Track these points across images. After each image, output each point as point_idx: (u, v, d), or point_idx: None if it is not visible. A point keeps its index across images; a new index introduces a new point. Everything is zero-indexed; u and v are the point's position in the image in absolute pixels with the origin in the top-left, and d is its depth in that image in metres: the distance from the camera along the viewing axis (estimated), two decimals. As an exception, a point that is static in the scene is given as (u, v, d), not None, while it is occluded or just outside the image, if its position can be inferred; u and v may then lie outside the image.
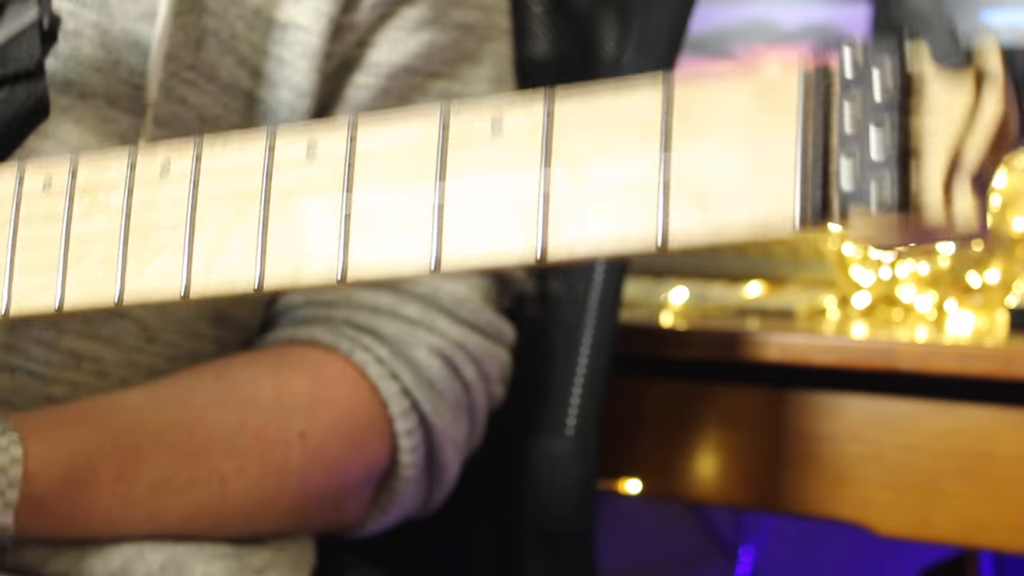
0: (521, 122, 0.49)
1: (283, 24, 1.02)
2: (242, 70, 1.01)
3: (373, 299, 1.04)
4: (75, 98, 0.97)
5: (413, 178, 0.53)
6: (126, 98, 0.98)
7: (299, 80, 1.01)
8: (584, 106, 0.48)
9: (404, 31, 1.04)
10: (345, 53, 1.04)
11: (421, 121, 0.53)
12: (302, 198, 0.56)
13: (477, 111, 0.51)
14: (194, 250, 0.60)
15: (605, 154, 0.47)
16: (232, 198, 0.59)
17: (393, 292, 1.05)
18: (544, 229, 0.49)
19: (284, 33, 1.02)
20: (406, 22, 1.05)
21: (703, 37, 1.99)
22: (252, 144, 0.59)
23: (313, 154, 0.57)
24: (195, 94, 1.00)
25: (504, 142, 0.50)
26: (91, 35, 0.98)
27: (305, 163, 0.57)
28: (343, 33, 1.03)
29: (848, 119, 0.47)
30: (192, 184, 0.60)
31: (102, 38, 0.98)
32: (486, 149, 0.50)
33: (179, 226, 0.61)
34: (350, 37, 1.04)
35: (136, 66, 0.98)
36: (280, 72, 1.02)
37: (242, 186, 0.59)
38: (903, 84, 0.48)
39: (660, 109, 0.46)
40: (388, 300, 1.04)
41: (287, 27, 1.02)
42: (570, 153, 0.48)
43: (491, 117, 0.50)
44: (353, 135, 0.55)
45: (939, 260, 1.55)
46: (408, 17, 1.05)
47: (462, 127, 0.51)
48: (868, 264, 1.58)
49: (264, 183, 0.58)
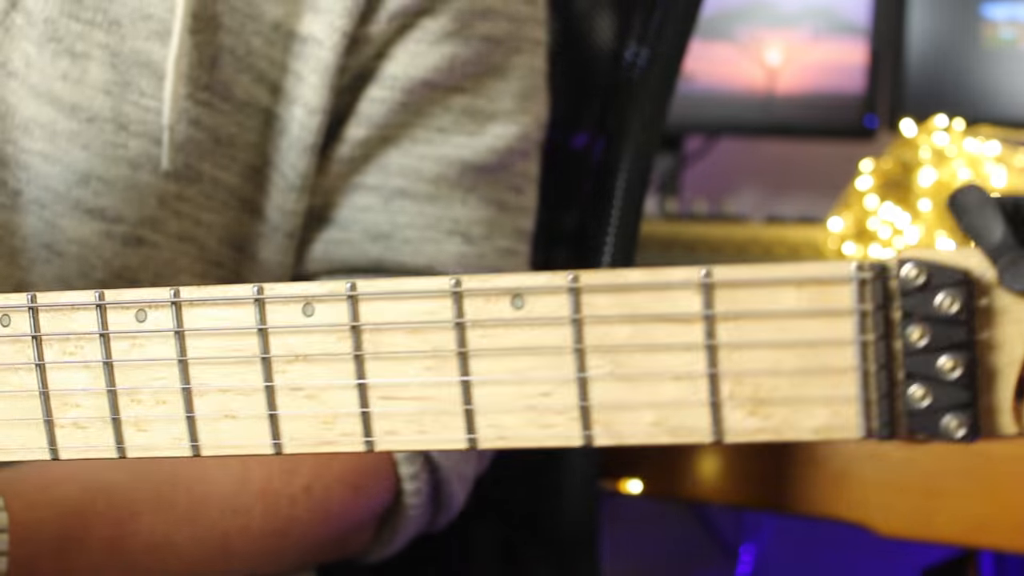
0: (547, 303, 0.46)
1: (304, 37, 0.98)
2: (260, 87, 0.98)
3: None
4: (83, 122, 0.93)
5: (429, 357, 0.49)
6: (136, 121, 0.94)
7: (311, 97, 0.97)
8: (617, 299, 0.45)
9: (424, 44, 0.99)
10: (361, 66, 0.99)
11: (434, 299, 0.49)
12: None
13: (492, 283, 0.48)
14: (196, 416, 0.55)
15: (648, 346, 0.45)
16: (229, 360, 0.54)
17: None
18: (586, 418, 0.47)
19: (304, 47, 0.98)
20: (426, 34, 1.00)
21: (705, 20, 1.98)
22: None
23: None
24: (209, 115, 0.96)
25: (528, 320, 0.47)
26: (100, 56, 0.94)
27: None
28: (359, 46, 0.99)
29: (911, 330, 0.45)
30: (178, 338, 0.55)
31: (112, 59, 0.94)
32: (510, 329, 0.47)
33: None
34: (367, 50, 0.99)
35: (147, 88, 0.94)
36: (297, 88, 0.98)
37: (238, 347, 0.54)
38: (970, 298, 0.45)
39: (701, 303, 0.44)
40: None
41: (307, 41, 0.98)
42: (608, 341, 0.46)
43: (510, 293, 0.47)
44: (355, 309, 0.50)
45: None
46: (428, 29, 1.00)
47: (478, 303, 0.48)
48: (868, 263, 1.57)
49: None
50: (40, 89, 0.94)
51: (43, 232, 0.94)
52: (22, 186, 0.94)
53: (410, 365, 0.49)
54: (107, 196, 0.94)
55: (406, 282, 0.49)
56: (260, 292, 0.52)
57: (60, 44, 0.94)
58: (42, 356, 0.57)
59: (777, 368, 0.44)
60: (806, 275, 0.43)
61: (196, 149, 0.96)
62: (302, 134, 0.97)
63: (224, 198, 0.98)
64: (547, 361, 0.47)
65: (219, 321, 0.53)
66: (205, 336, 0.53)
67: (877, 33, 1.90)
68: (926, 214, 1.55)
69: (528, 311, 0.47)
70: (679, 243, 1.77)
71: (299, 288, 0.51)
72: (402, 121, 1.00)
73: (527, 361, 0.47)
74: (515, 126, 1.03)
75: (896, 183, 1.59)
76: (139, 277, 0.95)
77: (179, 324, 0.54)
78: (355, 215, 1.00)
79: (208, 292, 0.53)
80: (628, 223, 1.23)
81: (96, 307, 0.56)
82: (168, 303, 0.54)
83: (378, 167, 1.00)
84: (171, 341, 0.54)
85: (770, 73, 1.96)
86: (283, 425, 0.52)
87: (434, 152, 1.00)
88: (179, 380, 0.54)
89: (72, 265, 0.94)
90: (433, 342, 0.48)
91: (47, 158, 0.94)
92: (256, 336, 0.52)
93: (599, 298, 0.45)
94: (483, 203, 1.02)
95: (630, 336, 0.45)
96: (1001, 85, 1.81)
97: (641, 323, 0.45)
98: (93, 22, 0.95)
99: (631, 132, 1.23)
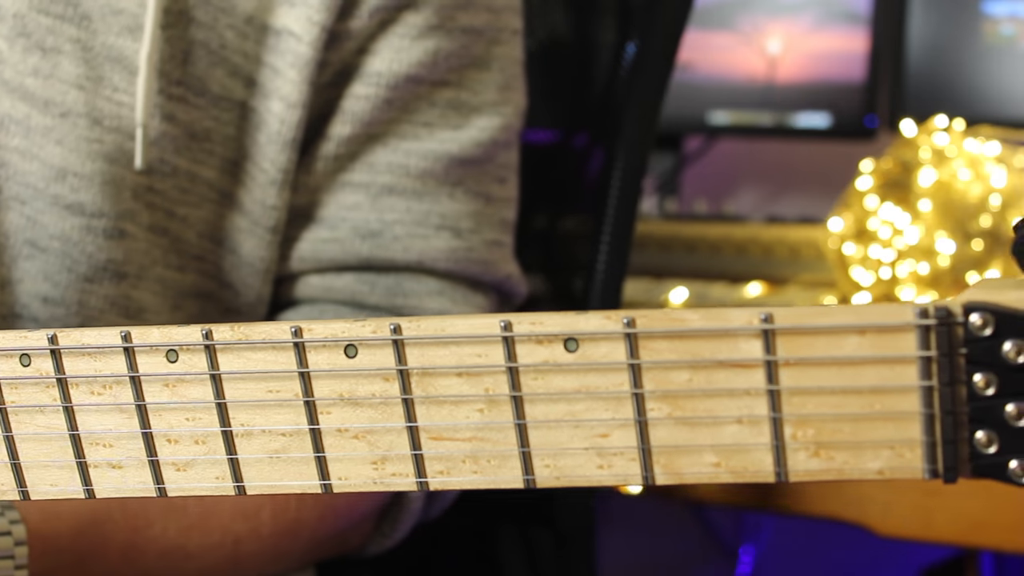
0: (602, 347, 0.45)
1: (277, 31, 0.97)
2: (234, 81, 0.97)
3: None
4: (56, 117, 0.93)
5: (481, 400, 0.48)
6: (110, 116, 0.93)
7: (289, 91, 0.96)
8: (676, 345, 0.45)
9: (407, 38, 0.98)
10: (343, 61, 0.98)
11: (483, 343, 0.48)
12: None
13: (544, 328, 0.47)
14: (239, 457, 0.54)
15: (709, 391, 0.45)
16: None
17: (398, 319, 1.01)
18: (646, 459, 0.46)
19: (278, 40, 0.97)
20: (409, 29, 0.98)
21: (706, 9, 1.98)
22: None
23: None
24: (184, 110, 0.95)
25: (583, 365, 0.46)
26: (71, 51, 0.93)
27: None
28: (340, 41, 0.98)
29: (978, 378, 0.44)
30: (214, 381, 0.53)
31: (83, 54, 0.93)
32: (564, 374, 0.47)
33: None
34: (348, 45, 0.98)
35: (120, 83, 0.94)
36: (273, 82, 0.97)
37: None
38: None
39: (762, 348, 0.43)
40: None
41: (281, 34, 0.97)
42: (667, 386, 0.45)
43: (563, 338, 0.46)
44: (401, 352, 0.49)
45: (939, 260, 1.54)
46: (411, 23, 0.98)
47: (530, 347, 0.47)
48: (868, 264, 1.57)
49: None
50: (13, 85, 0.93)
51: (25, 228, 0.94)
52: (1, 183, 0.93)
53: (461, 408, 0.48)
54: (85, 191, 0.93)
55: (453, 324, 0.48)
56: (299, 334, 0.51)
57: (30, 39, 0.94)
58: (69, 397, 0.56)
59: (840, 412, 0.44)
60: (868, 321, 0.42)
61: (171, 144, 0.95)
62: (281, 129, 0.96)
63: (202, 192, 0.97)
64: (604, 404, 0.46)
65: (256, 364, 0.52)
66: (242, 379, 0.53)
67: (877, 28, 1.89)
68: (926, 214, 1.55)
69: (583, 355, 0.46)
70: (678, 243, 1.77)
71: (340, 329, 0.50)
72: (387, 118, 0.99)
73: (583, 404, 0.46)
74: (498, 117, 1.02)
75: (896, 183, 1.59)
76: (125, 270, 0.95)
77: (214, 366, 0.53)
78: (343, 213, 0.99)
79: (243, 332, 0.52)
80: (623, 222, 1.22)
81: (124, 350, 0.55)
82: (202, 346, 0.53)
83: (365, 164, 0.99)
84: (207, 383, 0.53)
85: (770, 62, 1.96)
86: (331, 466, 0.51)
87: (420, 147, 1.00)
88: (218, 422, 0.53)
89: (56, 260, 0.94)
90: (485, 385, 0.48)
91: (24, 154, 0.93)
92: (297, 379, 0.51)
93: (656, 342, 0.45)
94: (470, 196, 1.01)
95: (689, 380, 0.45)
96: (1002, 83, 1.81)
97: (701, 368, 0.44)
98: (63, 17, 0.94)
99: (626, 129, 1.23)
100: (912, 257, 1.55)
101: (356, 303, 1.00)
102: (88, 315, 0.95)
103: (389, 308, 1.00)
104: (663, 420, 0.45)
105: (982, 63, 1.82)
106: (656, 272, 1.70)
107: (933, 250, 1.54)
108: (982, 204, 1.56)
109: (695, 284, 1.64)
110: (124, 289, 0.95)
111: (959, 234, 1.55)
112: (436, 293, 1.00)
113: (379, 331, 0.49)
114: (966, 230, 1.55)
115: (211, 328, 0.52)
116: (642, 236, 1.26)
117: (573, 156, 1.25)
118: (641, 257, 1.43)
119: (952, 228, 1.55)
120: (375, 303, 1.00)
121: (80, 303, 0.94)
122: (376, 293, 0.99)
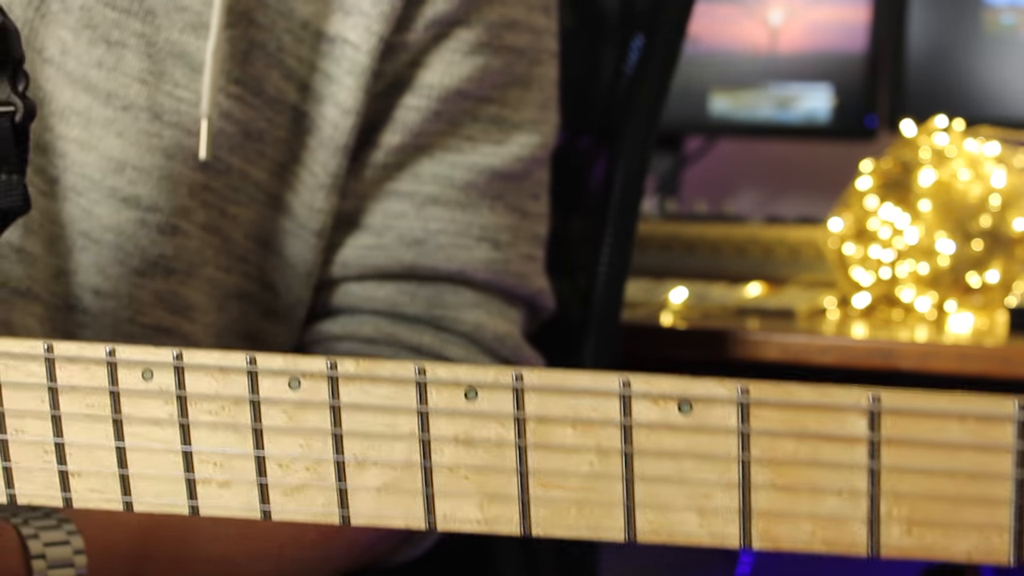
0: (715, 412, 0.49)
1: (331, 38, 0.98)
2: (288, 84, 0.98)
3: (417, 339, 1.02)
4: (118, 110, 0.94)
5: (593, 451, 0.51)
6: (171, 111, 0.95)
7: (345, 97, 0.97)
8: (785, 415, 0.48)
9: (459, 53, 1.01)
10: (396, 73, 1.00)
11: (600, 397, 0.51)
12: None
13: (660, 389, 0.50)
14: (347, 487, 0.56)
15: (812, 462, 0.48)
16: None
17: (435, 330, 1.02)
18: (745, 522, 0.49)
19: (332, 47, 0.98)
20: (461, 44, 1.01)
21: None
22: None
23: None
24: (240, 108, 0.97)
25: (695, 427, 0.49)
26: (135, 45, 0.95)
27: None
28: (395, 52, 0.99)
29: None
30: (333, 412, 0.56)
31: (147, 48, 0.95)
32: (676, 433, 0.50)
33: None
34: (402, 57, 1.00)
35: (181, 79, 0.95)
36: (327, 88, 0.98)
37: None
38: None
39: (867, 426, 0.46)
40: (431, 340, 1.02)
41: (335, 41, 0.98)
42: (773, 454, 0.48)
43: (678, 399, 0.49)
44: (520, 399, 0.52)
45: (939, 260, 1.56)
46: (463, 39, 1.01)
47: (645, 405, 0.49)
48: (868, 264, 1.59)
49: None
50: (76, 76, 0.95)
51: (80, 219, 0.95)
52: (59, 173, 0.95)
53: (572, 458, 0.52)
54: (141, 184, 0.95)
55: (573, 377, 0.51)
56: (422, 373, 0.54)
57: (95, 31, 0.95)
58: (187, 414, 0.58)
59: (935, 493, 0.47)
60: (970, 410, 0.46)
61: (227, 142, 0.97)
62: (335, 134, 0.98)
63: (252, 192, 0.99)
64: (711, 466, 0.49)
65: (377, 398, 0.55)
66: (360, 411, 0.55)
67: (878, 22, 1.90)
68: (926, 214, 1.57)
69: (696, 418, 0.49)
70: (679, 243, 1.78)
71: (463, 372, 0.53)
72: (436, 129, 1.01)
73: (690, 464, 0.50)
74: (537, 135, 1.05)
75: (896, 183, 1.60)
76: (175, 266, 0.97)
77: (335, 397, 0.56)
78: (389, 221, 1.01)
79: (367, 367, 0.55)
80: (625, 223, 1.24)
81: (247, 373, 0.57)
82: (325, 376, 0.56)
83: (411, 174, 1.01)
84: (325, 412, 0.56)
85: (772, 32, 1.96)
86: (438, 503, 0.54)
87: (464, 160, 1.02)
88: (332, 451, 0.56)
89: (108, 253, 0.95)
90: (598, 437, 0.51)
91: (83, 145, 0.95)
92: (415, 416, 0.54)
93: (767, 411, 0.48)
94: (508, 210, 1.04)
95: (795, 450, 0.48)
96: (1003, 74, 1.82)
97: (807, 440, 0.48)
98: (129, 11, 0.95)
99: (627, 131, 1.25)
100: (912, 257, 1.57)
101: (395, 314, 1.02)
102: (138, 309, 0.96)
103: (427, 319, 1.02)
104: (766, 486, 0.49)
105: (982, 50, 1.83)
106: (656, 272, 1.73)
107: (933, 250, 1.56)
108: (982, 204, 1.57)
109: (695, 284, 1.66)
110: (172, 285, 0.97)
111: (959, 234, 1.57)
112: (473, 306, 1.02)
113: (501, 378, 0.52)
114: (966, 230, 1.57)
115: (337, 360, 0.55)
116: (642, 236, 1.27)
117: (575, 158, 1.27)
118: (641, 257, 1.45)
119: (952, 228, 1.57)
120: (414, 314, 1.02)
121: (131, 297, 0.96)
122: (416, 304, 1.01)
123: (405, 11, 0.99)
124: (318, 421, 0.56)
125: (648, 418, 0.50)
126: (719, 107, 1.96)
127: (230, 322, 1.01)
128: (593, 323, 1.24)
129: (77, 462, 0.61)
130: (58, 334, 0.96)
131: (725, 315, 1.56)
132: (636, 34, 1.26)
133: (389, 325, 1.01)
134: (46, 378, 0.60)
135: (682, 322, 1.51)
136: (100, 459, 0.60)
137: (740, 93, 1.97)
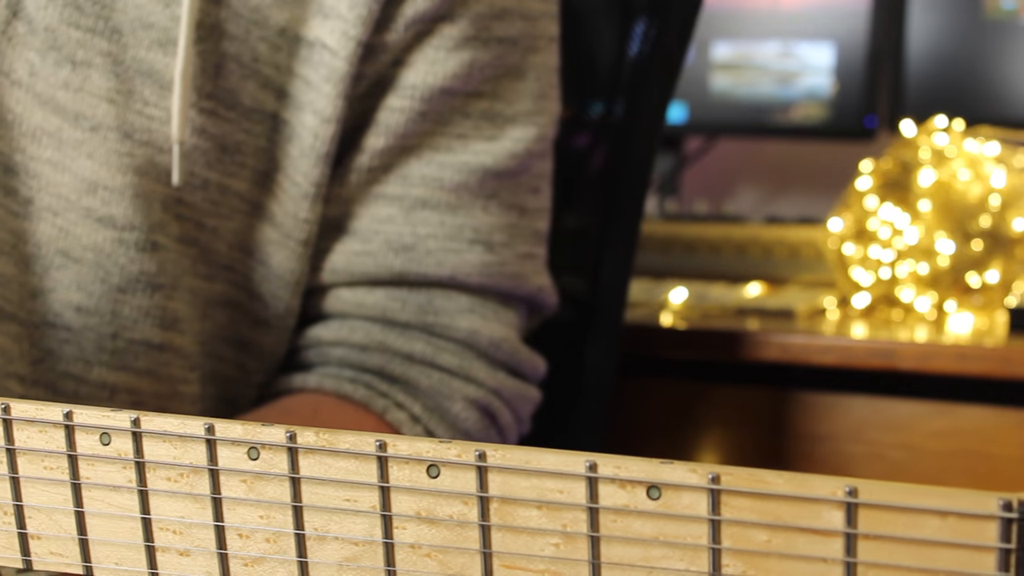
0: (685, 498, 0.46)
1: (311, 42, 0.96)
2: (266, 93, 0.96)
3: (409, 346, 1.00)
4: (86, 131, 0.93)
5: (558, 534, 0.49)
6: (141, 130, 0.93)
7: (323, 106, 0.96)
8: (758, 505, 0.46)
9: (443, 50, 0.98)
10: (378, 73, 0.98)
11: (566, 480, 0.49)
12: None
13: (628, 474, 0.47)
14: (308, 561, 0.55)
15: (786, 554, 0.46)
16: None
17: (428, 337, 1.01)
18: None
19: (311, 52, 0.96)
20: (445, 40, 0.98)
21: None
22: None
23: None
24: (214, 123, 0.95)
25: (664, 514, 0.47)
26: (102, 64, 0.93)
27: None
28: (375, 54, 0.97)
29: None
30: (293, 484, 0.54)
31: (114, 67, 0.93)
32: (644, 519, 0.48)
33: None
34: (383, 58, 0.98)
35: (150, 97, 0.94)
36: (306, 94, 0.96)
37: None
38: None
39: (843, 519, 0.44)
40: (423, 347, 1.00)
41: (314, 45, 0.96)
42: (745, 544, 0.46)
43: (647, 484, 0.47)
44: (483, 478, 0.50)
45: (939, 260, 1.55)
46: (447, 35, 0.98)
47: (613, 489, 0.48)
48: (868, 264, 1.58)
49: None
50: (44, 97, 0.93)
51: (57, 239, 0.94)
52: (33, 194, 0.94)
53: (537, 540, 0.50)
54: (115, 205, 0.93)
55: (539, 457, 0.50)
56: (383, 448, 0.52)
57: (60, 52, 0.94)
58: (145, 481, 0.57)
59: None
60: (952, 507, 0.44)
61: (202, 158, 0.95)
62: (315, 143, 0.96)
63: (233, 204, 0.97)
64: (680, 554, 0.47)
65: (337, 472, 0.53)
66: (320, 484, 0.54)
67: (878, 13, 1.87)
68: (926, 214, 1.56)
69: (664, 504, 0.47)
70: (679, 243, 1.77)
71: (425, 448, 0.51)
72: (422, 130, 0.99)
73: (659, 551, 0.48)
74: (533, 127, 1.02)
75: (896, 183, 1.59)
76: (159, 281, 0.95)
77: (295, 469, 0.54)
78: (376, 226, 0.99)
79: (328, 438, 0.53)
80: (630, 221, 1.23)
81: (206, 441, 0.56)
82: (284, 447, 0.54)
83: (398, 177, 0.99)
84: (285, 484, 0.54)
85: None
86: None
87: (454, 160, 1.00)
88: (292, 524, 0.54)
89: (89, 271, 0.94)
90: (564, 520, 0.49)
91: (56, 166, 0.93)
92: (377, 491, 0.53)
93: (739, 500, 0.46)
94: (503, 209, 1.01)
95: (767, 541, 0.46)
96: (1004, 63, 1.81)
97: (781, 531, 0.46)
98: (94, 30, 0.94)
99: (633, 131, 1.23)
100: (912, 257, 1.56)
101: (386, 320, 1.00)
102: (122, 324, 0.95)
103: (420, 326, 1.00)
104: (737, 575, 0.47)
105: (983, 43, 1.81)
106: (656, 272, 1.72)
107: (933, 250, 1.55)
108: (982, 204, 1.56)
109: (695, 284, 1.65)
110: (159, 300, 0.95)
111: (959, 234, 1.56)
112: (467, 311, 1.01)
113: (464, 455, 0.51)
114: (966, 230, 1.56)
115: (296, 431, 0.54)
116: (642, 236, 1.26)
117: (579, 156, 1.25)
118: (641, 257, 1.44)
119: (952, 228, 1.56)
120: (406, 320, 1.00)
121: (114, 312, 0.95)
122: (407, 310, 1.00)
123: (384, 12, 0.97)
124: (278, 493, 0.54)
125: (615, 502, 0.48)
126: (720, 84, 1.94)
127: (216, 329, 0.99)
128: (596, 322, 1.23)
129: (36, 525, 0.59)
130: (37, 351, 0.95)
131: (725, 315, 1.54)
132: (642, 16, 1.24)
133: (380, 332, 1.00)
134: (3, 439, 0.59)
135: (682, 322, 1.50)
136: (59, 522, 0.59)
137: (741, 69, 1.95)
